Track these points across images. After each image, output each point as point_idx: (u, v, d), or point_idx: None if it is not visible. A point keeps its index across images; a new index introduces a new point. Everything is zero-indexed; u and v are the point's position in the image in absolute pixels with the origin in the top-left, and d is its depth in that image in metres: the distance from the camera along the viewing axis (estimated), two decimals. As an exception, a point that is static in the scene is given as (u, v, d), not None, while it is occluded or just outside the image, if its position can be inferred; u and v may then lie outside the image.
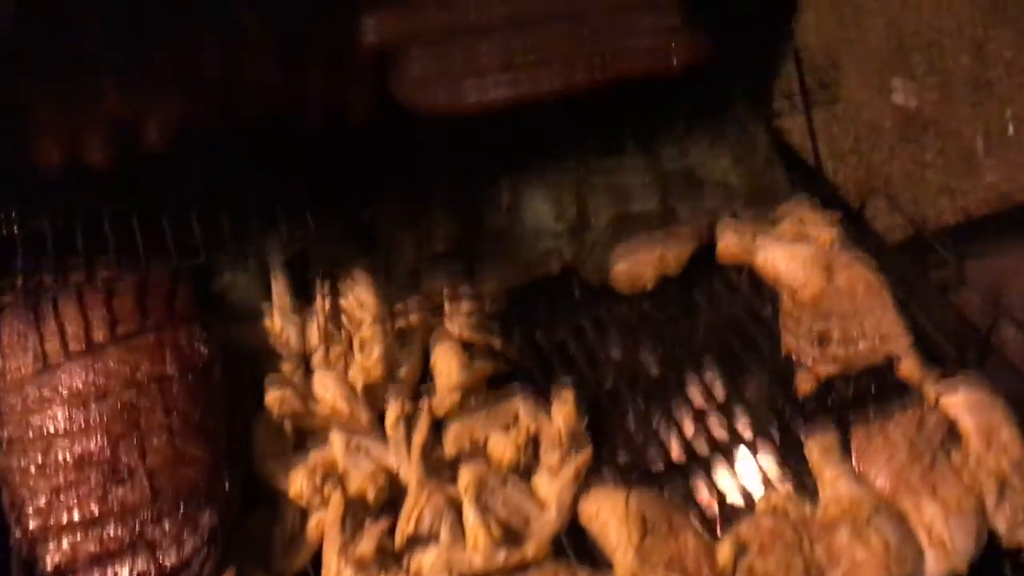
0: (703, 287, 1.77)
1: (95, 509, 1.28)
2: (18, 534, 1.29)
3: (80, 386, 1.38)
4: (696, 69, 1.73)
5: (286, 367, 1.54)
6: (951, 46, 4.70)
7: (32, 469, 1.31)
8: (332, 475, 1.40)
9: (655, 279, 1.72)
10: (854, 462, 1.47)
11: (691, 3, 1.74)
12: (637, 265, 1.71)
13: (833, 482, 1.43)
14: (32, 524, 1.28)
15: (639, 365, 1.67)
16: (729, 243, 1.75)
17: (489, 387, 1.59)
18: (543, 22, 1.66)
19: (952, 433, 1.50)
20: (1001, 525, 1.40)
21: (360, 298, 1.61)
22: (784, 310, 1.66)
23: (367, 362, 1.53)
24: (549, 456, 1.46)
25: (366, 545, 1.30)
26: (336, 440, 1.45)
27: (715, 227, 1.77)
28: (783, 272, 1.69)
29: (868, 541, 1.33)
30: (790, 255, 1.70)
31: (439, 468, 1.45)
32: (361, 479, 1.39)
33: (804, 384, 1.59)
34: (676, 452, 1.56)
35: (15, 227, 1.47)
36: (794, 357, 1.62)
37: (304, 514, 1.38)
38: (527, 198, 1.79)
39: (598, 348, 1.69)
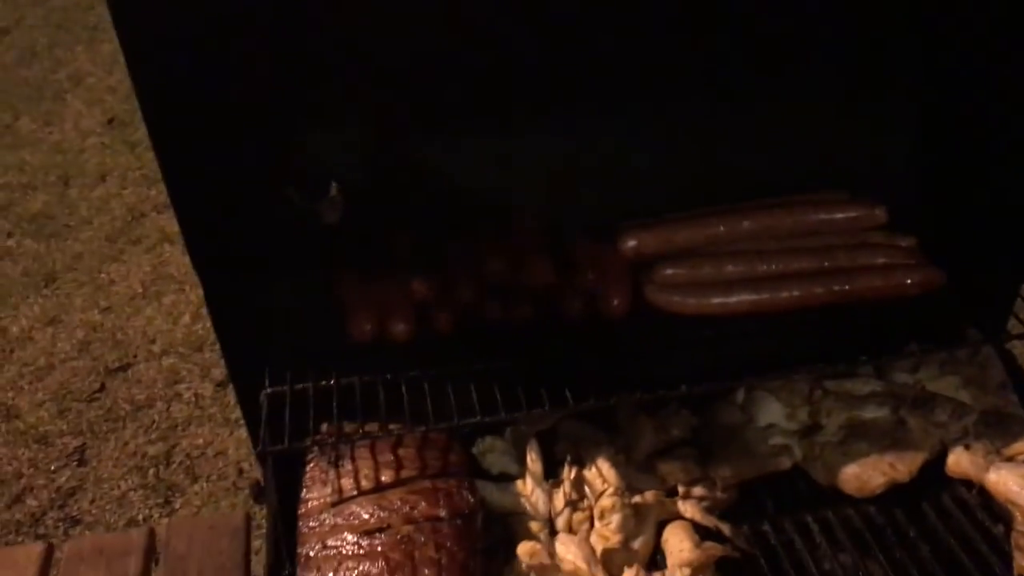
0: (932, 499, 1.86)
1: (373, 623, 1.54)
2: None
3: (368, 518, 1.68)
4: (931, 294, 1.92)
5: (534, 526, 1.78)
6: None
7: (326, 583, 1.61)
8: (570, 627, 1.59)
9: (884, 486, 1.84)
10: None
11: (927, 234, 1.96)
12: (867, 470, 1.84)
13: None
14: (321, 629, 1.55)
15: (865, 570, 1.76)
16: (960, 459, 1.85)
17: (717, 571, 1.75)
18: (786, 241, 1.93)
19: None
20: None
21: (602, 471, 1.84)
22: (1016, 530, 1.72)
23: (606, 530, 1.74)
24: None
25: None
26: (577, 596, 1.65)
27: (946, 441, 1.89)
28: (1015, 493, 1.77)
29: None
30: (1023, 477, 1.78)
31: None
32: (596, 634, 1.58)
33: (1036, 598, 1.64)
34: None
35: (332, 383, 1.83)
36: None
37: (543, 660, 1.57)
38: (761, 397, 1.99)
39: (824, 548, 1.81)
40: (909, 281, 1.87)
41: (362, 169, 1.91)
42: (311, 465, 1.81)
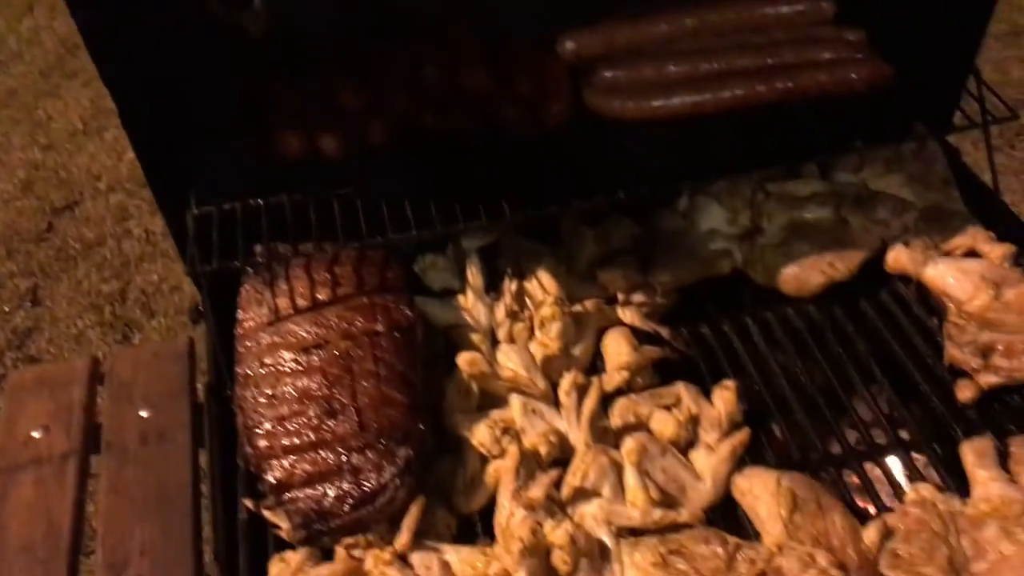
0: (870, 296, 1.88)
1: (312, 436, 1.55)
2: (248, 451, 1.58)
3: (305, 335, 1.67)
4: (878, 90, 1.88)
5: (475, 338, 1.78)
6: None
7: (262, 400, 1.61)
8: (510, 431, 1.62)
9: (823, 285, 1.85)
10: (1010, 468, 1.55)
11: (875, 28, 1.89)
12: (806, 270, 1.85)
13: (985, 483, 1.52)
14: (260, 444, 1.57)
15: (802, 367, 1.80)
16: (899, 255, 1.86)
17: (655, 374, 1.77)
18: (730, 38, 1.86)
19: (1119, 452, 1.56)
20: None
21: (543, 282, 1.84)
22: (949, 322, 1.75)
23: (546, 338, 1.75)
24: (708, 434, 1.63)
25: (537, 491, 1.51)
26: (515, 402, 1.67)
27: (886, 239, 1.89)
28: (951, 286, 1.79)
29: (1016, 538, 1.42)
30: (960, 269, 1.80)
31: (605, 436, 1.64)
32: (535, 436, 1.61)
33: (965, 392, 1.68)
34: (834, 448, 1.68)
35: (260, 201, 1.78)
36: (957, 367, 1.72)
37: (484, 462, 1.61)
38: (703, 203, 1.97)
39: (763, 347, 1.83)
40: (856, 76, 1.82)
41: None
42: (246, 287, 1.79)
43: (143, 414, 1.94)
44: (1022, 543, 1.41)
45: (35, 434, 1.92)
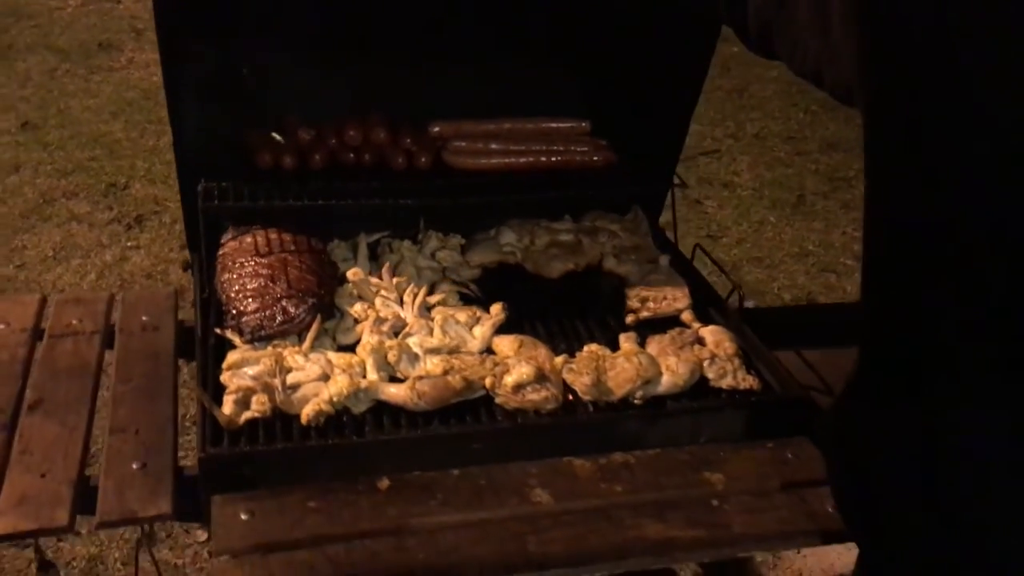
0: (591, 280, 3.42)
1: (260, 290, 2.95)
2: (222, 299, 2.96)
3: (259, 249, 3.11)
4: (607, 171, 3.52)
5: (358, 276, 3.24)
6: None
7: (234, 275, 3.00)
8: (372, 308, 3.04)
9: (564, 272, 3.38)
10: (644, 346, 3.02)
11: (605, 131, 3.57)
12: (556, 263, 3.39)
13: (624, 346, 2.98)
14: (231, 294, 2.95)
15: (547, 308, 3.28)
16: (609, 262, 3.42)
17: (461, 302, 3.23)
18: (525, 132, 3.52)
19: (700, 343, 3.04)
20: (710, 374, 2.89)
21: (401, 254, 3.33)
22: (627, 287, 3.29)
23: (399, 276, 3.22)
24: (483, 320, 3.07)
25: (384, 327, 2.92)
26: (378, 299, 3.10)
27: (603, 253, 3.45)
28: (633, 273, 3.34)
29: (631, 361, 2.85)
30: (638, 268, 3.36)
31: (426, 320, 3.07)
32: (387, 312, 3.03)
33: (629, 319, 3.17)
34: (556, 340, 3.12)
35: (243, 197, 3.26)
36: (629, 308, 3.22)
37: (356, 323, 3.01)
38: (504, 230, 3.53)
39: (526, 300, 3.32)
40: (596, 158, 3.46)
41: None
42: (227, 235, 3.24)
43: (144, 318, 3.28)
44: (633, 363, 2.84)
45: (74, 322, 3.24)
